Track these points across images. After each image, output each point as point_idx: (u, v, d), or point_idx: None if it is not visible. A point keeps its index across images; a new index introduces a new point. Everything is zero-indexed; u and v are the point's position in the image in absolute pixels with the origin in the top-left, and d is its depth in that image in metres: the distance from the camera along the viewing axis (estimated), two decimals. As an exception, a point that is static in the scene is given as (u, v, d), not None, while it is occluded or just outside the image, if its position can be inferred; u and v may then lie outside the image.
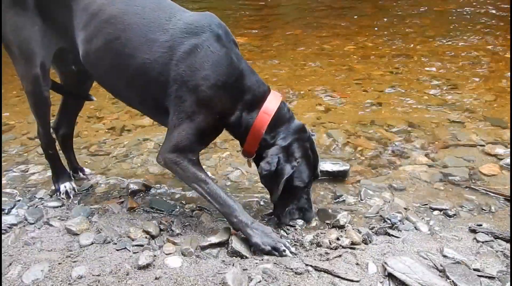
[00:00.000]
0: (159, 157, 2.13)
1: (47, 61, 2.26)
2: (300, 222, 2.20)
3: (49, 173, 2.64)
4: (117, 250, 2.03)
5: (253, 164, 2.24)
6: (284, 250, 1.94)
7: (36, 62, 2.22)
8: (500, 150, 2.89)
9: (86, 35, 2.11)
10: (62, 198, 2.49)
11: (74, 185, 2.59)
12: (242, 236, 2.02)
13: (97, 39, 2.08)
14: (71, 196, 2.51)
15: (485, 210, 2.28)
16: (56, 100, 2.59)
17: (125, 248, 2.03)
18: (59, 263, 1.94)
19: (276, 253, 1.93)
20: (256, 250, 1.96)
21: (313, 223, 2.20)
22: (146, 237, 2.10)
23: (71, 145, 2.78)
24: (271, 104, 2.09)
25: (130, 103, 2.34)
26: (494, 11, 6.84)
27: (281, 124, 2.10)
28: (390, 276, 1.77)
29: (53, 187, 2.57)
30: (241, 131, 2.12)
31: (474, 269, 1.80)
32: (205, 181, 2.07)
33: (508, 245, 1.97)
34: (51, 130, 2.55)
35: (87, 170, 2.81)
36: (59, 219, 2.30)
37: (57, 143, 2.65)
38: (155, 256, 1.95)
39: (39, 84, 2.26)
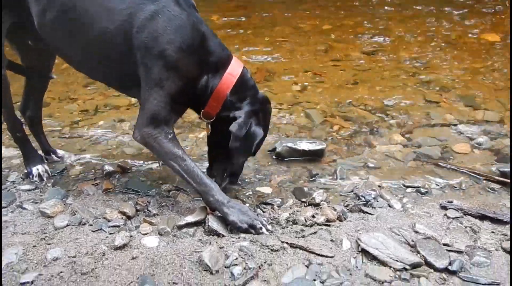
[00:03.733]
0: (136, 133, 2.08)
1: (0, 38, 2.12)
2: (278, 200, 2.22)
3: (21, 156, 2.57)
4: (93, 231, 2.01)
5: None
6: (261, 228, 1.95)
7: None
8: (473, 129, 2.95)
9: (40, 7, 2.03)
10: (35, 181, 2.43)
11: (47, 168, 2.51)
12: (219, 215, 2.03)
13: (51, 11, 2.00)
14: (45, 178, 2.45)
15: (455, 187, 2.35)
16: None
17: (101, 229, 2.02)
18: (34, 246, 1.91)
19: (253, 231, 1.95)
20: (233, 228, 1.98)
21: (290, 202, 2.22)
22: (122, 218, 2.09)
23: (41, 126, 2.69)
24: (235, 67, 2.12)
25: (95, 77, 2.29)
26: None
27: (245, 89, 2.13)
28: (363, 251, 1.81)
29: (25, 171, 2.50)
30: (206, 95, 2.10)
31: (444, 244, 1.86)
32: (182, 158, 2.04)
33: (477, 220, 2.04)
34: (19, 113, 2.48)
35: (60, 152, 2.75)
36: (32, 202, 2.25)
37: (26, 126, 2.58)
38: (131, 236, 1.95)
39: None
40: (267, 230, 1.96)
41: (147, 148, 2.12)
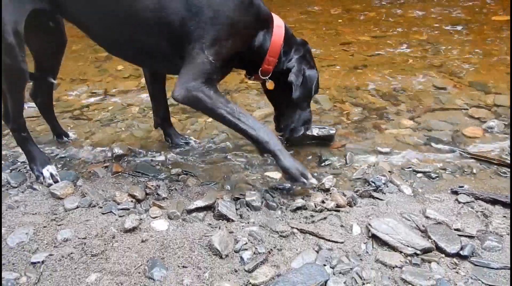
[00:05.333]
0: (178, 89, 1.98)
1: (20, 28, 1.96)
2: (287, 186, 2.21)
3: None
4: (103, 213, 2.02)
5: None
6: (311, 178, 2.05)
7: (7, 30, 1.92)
8: (484, 113, 2.92)
9: None
10: (49, 183, 2.24)
11: (54, 168, 2.34)
12: (228, 200, 2.04)
13: None
14: (58, 178, 2.27)
15: (466, 172, 2.32)
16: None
17: (111, 211, 2.03)
18: (44, 226, 1.93)
19: (303, 180, 2.03)
20: (284, 173, 2.05)
21: (299, 187, 2.21)
22: (131, 201, 2.10)
23: (53, 111, 2.69)
24: (278, 19, 2.21)
25: (134, 57, 2.24)
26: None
27: (289, 37, 2.22)
28: (374, 237, 1.80)
29: (33, 175, 2.32)
30: (260, 51, 2.15)
31: (455, 229, 1.84)
32: (232, 106, 2.02)
33: (488, 205, 2.02)
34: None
35: (71, 134, 2.75)
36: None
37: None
38: (141, 219, 1.95)
39: (15, 55, 1.97)
40: (313, 183, 2.06)
41: (191, 102, 2.02)
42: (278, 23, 2.19)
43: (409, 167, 2.37)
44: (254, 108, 3.13)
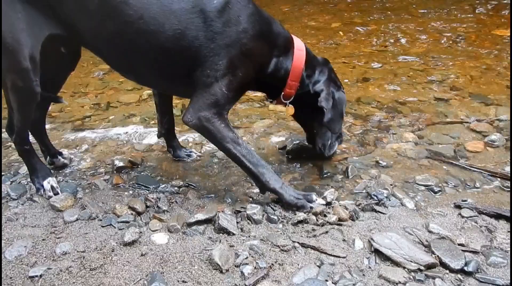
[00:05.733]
0: (189, 116, 2.05)
1: (35, 53, 1.98)
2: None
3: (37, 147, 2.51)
4: (102, 226, 2.01)
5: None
6: (316, 199, 2.09)
7: (24, 55, 1.94)
8: (485, 126, 2.91)
9: (98, 19, 1.97)
10: (50, 196, 2.22)
11: (55, 180, 2.31)
12: (229, 213, 2.02)
13: (114, 22, 1.95)
14: (59, 191, 2.25)
15: (469, 186, 2.31)
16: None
17: (111, 224, 2.01)
18: (43, 239, 1.91)
19: (310, 205, 2.06)
20: (289, 207, 2.07)
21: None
22: (132, 214, 2.08)
23: (45, 129, 2.56)
24: (299, 42, 2.23)
25: (151, 82, 2.27)
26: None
27: (311, 59, 2.25)
28: (376, 251, 1.78)
29: (33, 188, 2.30)
30: (280, 76, 2.17)
31: (459, 244, 1.82)
32: (238, 142, 2.08)
33: (492, 220, 2.00)
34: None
35: (65, 152, 2.65)
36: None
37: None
38: (141, 232, 1.93)
39: (29, 79, 1.98)
40: (321, 203, 2.08)
41: (200, 131, 2.10)
42: (299, 47, 2.21)
43: (412, 181, 2.35)
44: (255, 120, 3.13)
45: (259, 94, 3.18)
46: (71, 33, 2.06)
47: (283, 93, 2.23)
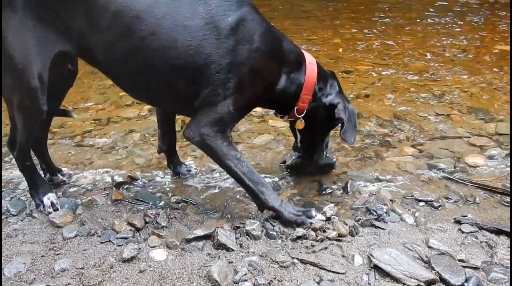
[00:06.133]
0: (191, 132, 2.04)
1: (44, 71, 1.96)
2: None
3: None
4: (101, 242, 2.00)
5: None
6: (316, 215, 2.08)
7: (33, 73, 1.92)
8: (485, 141, 2.91)
9: (110, 36, 1.94)
10: (49, 212, 2.20)
11: (55, 196, 2.30)
12: (227, 228, 2.02)
13: (126, 39, 1.93)
14: (59, 207, 2.23)
15: (469, 201, 2.30)
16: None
17: (109, 240, 2.00)
18: (42, 256, 1.90)
19: (309, 221, 2.05)
20: (288, 224, 2.06)
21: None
22: (131, 230, 2.07)
23: (46, 146, 2.53)
24: (310, 57, 2.25)
25: (162, 101, 2.24)
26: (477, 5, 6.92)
27: (322, 72, 2.28)
28: (376, 267, 1.77)
29: (33, 203, 2.28)
30: (291, 92, 2.18)
31: (459, 260, 1.81)
32: (240, 159, 2.07)
33: (493, 235, 1.99)
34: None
35: (64, 169, 2.61)
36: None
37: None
38: (139, 249, 1.93)
39: (37, 98, 1.96)
40: (320, 219, 2.07)
41: (202, 148, 2.10)
42: (310, 61, 2.23)
43: (411, 196, 2.35)
44: (255, 134, 3.13)
45: (259, 109, 3.19)
46: (82, 50, 2.03)
47: (296, 107, 2.23)
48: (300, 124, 2.31)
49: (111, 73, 2.15)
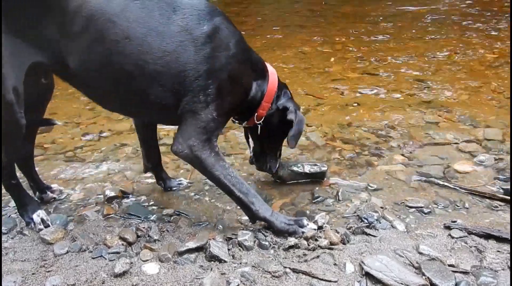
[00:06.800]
0: (180, 146, 2.04)
1: (19, 84, 1.92)
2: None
3: (25, 180, 2.49)
4: (93, 258, 1.99)
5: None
6: (307, 224, 2.09)
7: (7, 87, 1.88)
8: (474, 147, 2.94)
9: (83, 41, 1.91)
10: (40, 229, 2.18)
11: (45, 212, 2.28)
12: (220, 240, 2.02)
13: (100, 43, 1.90)
14: (49, 223, 2.22)
15: (459, 206, 2.33)
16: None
17: (101, 256, 2.00)
18: (33, 274, 1.89)
19: (301, 230, 2.06)
20: (280, 234, 2.07)
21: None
22: (122, 244, 2.07)
23: (33, 163, 2.49)
24: (270, 67, 2.33)
25: (141, 112, 2.22)
26: (470, 10, 7.03)
27: (279, 82, 2.35)
28: (367, 275, 1.78)
29: (23, 222, 2.25)
30: (257, 99, 2.25)
31: (449, 265, 1.83)
32: (229, 170, 2.08)
33: (482, 240, 2.01)
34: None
35: (54, 186, 2.59)
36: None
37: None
38: (131, 263, 1.93)
39: (14, 111, 1.92)
40: (312, 228, 2.09)
41: (190, 162, 2.09)
42: (271, 70, 2.31)
43: (402, 203, 2.37)
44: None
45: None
46: (55, 60, 1.98)
47: (256, 114, 2.28)
48: (261, 129, 2.36)
49: (85, 83, 2.09)
